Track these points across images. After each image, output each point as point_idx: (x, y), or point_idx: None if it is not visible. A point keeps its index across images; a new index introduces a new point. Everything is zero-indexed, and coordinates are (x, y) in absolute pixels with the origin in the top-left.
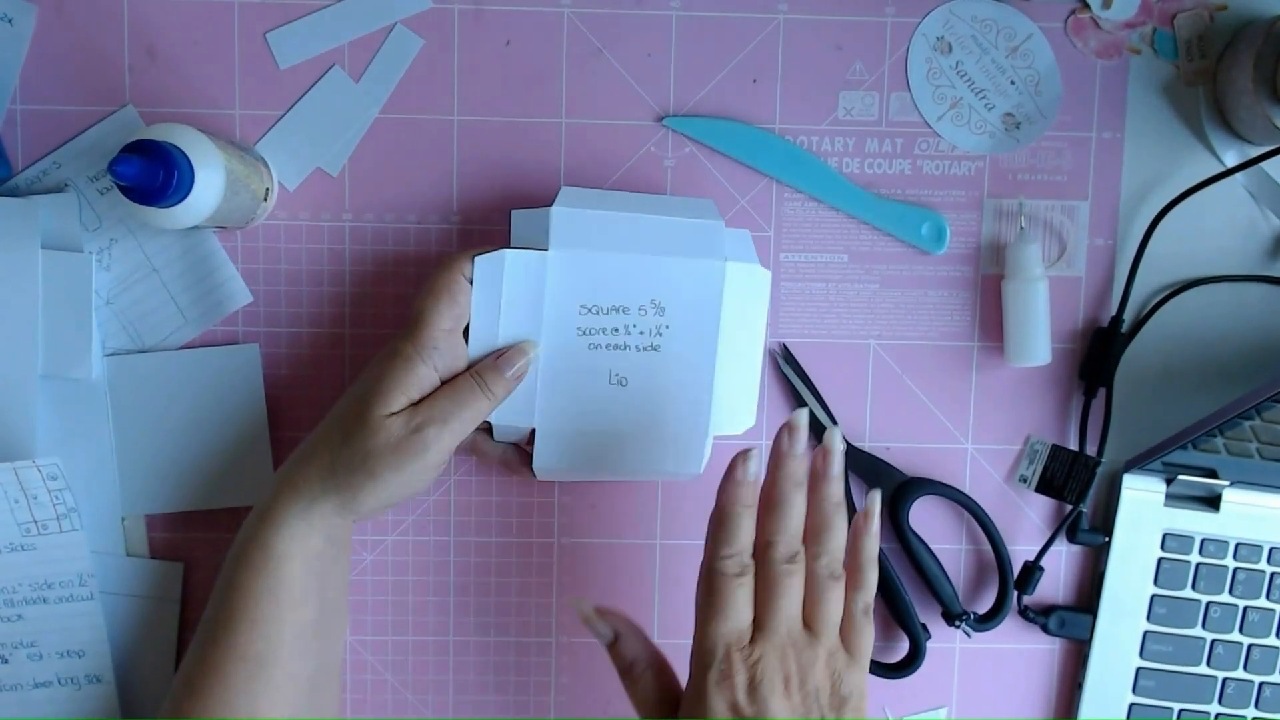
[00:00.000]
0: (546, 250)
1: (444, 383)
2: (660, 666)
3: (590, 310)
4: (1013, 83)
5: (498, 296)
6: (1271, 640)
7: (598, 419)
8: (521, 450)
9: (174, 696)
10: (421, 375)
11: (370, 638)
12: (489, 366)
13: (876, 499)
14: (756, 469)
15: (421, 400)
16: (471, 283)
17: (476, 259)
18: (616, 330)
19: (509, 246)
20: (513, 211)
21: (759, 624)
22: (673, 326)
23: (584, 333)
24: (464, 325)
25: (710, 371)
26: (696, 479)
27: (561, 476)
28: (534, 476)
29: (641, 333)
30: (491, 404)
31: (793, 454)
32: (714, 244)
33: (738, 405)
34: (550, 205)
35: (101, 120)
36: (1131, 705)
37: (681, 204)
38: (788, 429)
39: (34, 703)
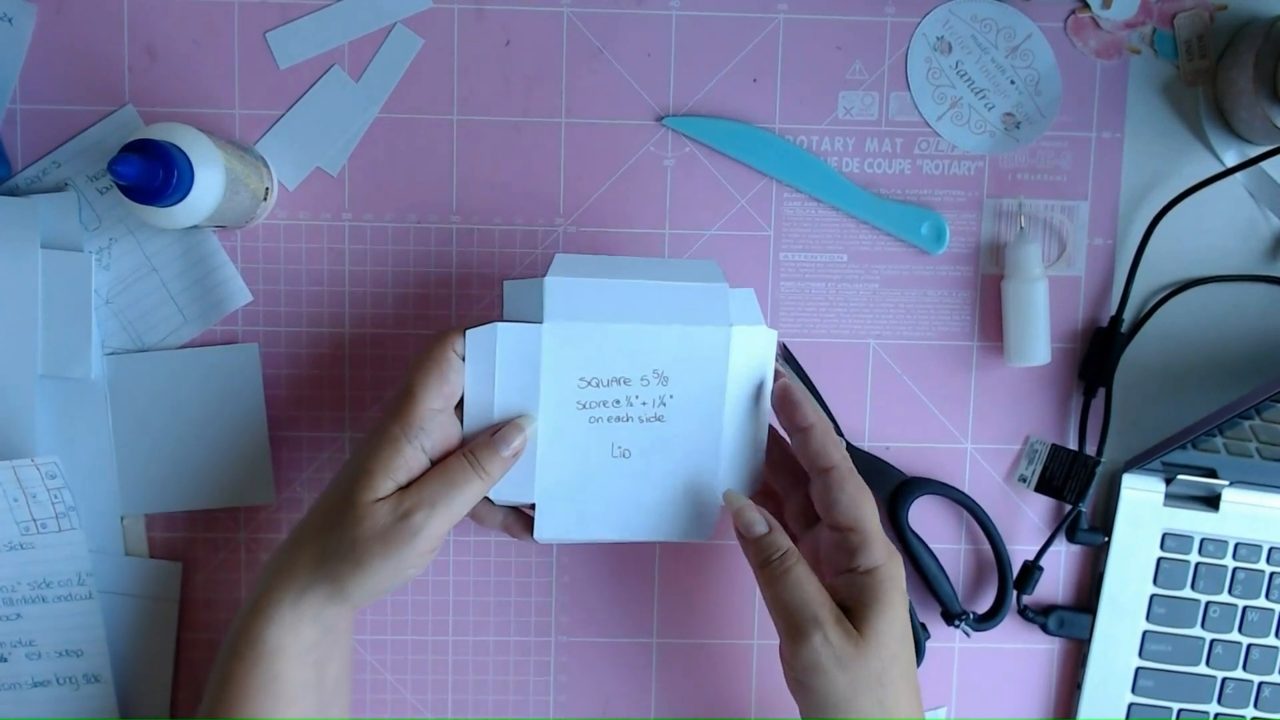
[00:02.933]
0: (541, 323)
1: (435, 463)
2: (805, 561)
3: (590, 383)
4: (1012, 82)
5: (491, 371)
6: (1271, 640)
7: (601, 490)
8: (522, 514)
9: None
10: (409, 457)
11: (370, 638)
12: (484, 445)
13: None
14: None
15: (411, 484)
16: (464, 358)
17: (468, 332)
18: (618, 402)
19: (502, 319)
20: (505, 282)
21: None
22: (677, 396)
23: (584, 406)
24: (455, 404)
25: (716, 439)
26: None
27: (565, 542)
28: (535, 542)
29: (644, 403)
30: (487, 484)
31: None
32: (718, 309)
33: (744, 468)
34: (547, 265)
35: (101, 120)
36: (1131, 705)
37: (683, 267)
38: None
39: (32, 702)
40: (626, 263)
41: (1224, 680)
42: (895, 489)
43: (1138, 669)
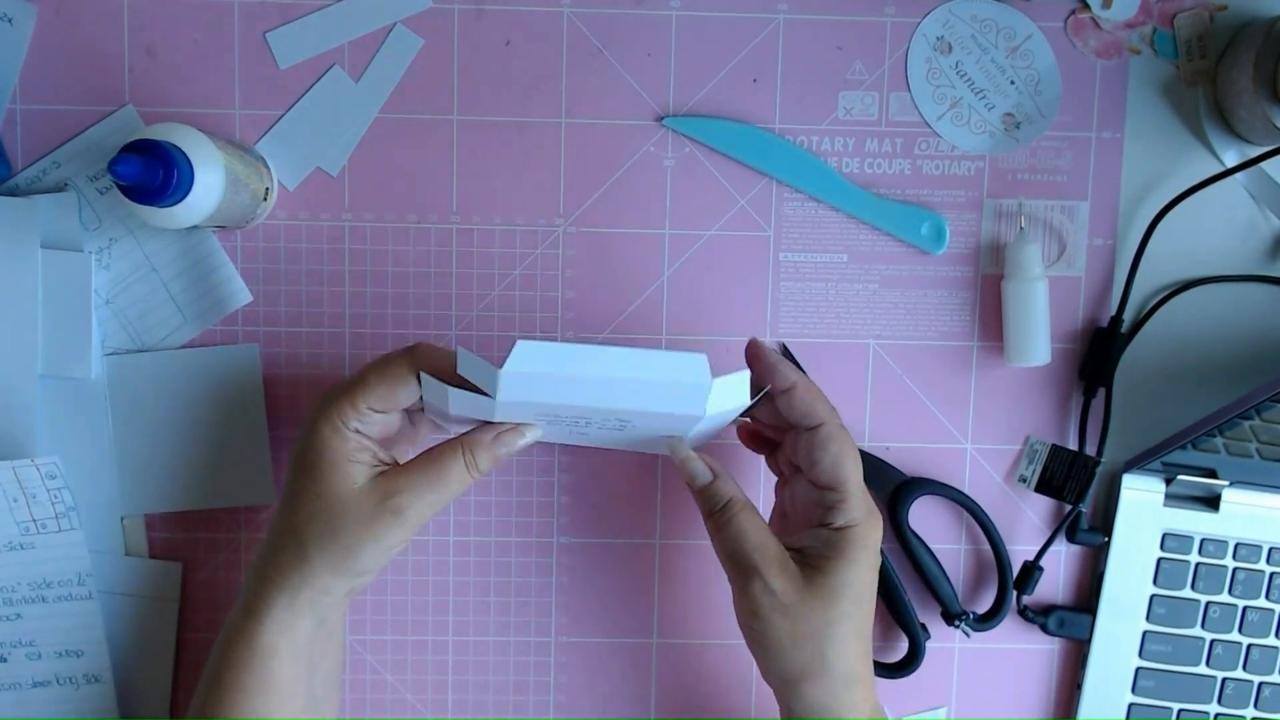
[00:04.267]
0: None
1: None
2: (753, 509)
3: (549, 417)
4: (1013, 83)
5: (445, 408)
6: (1271, 640)
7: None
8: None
9: None
10: (360, 441)
11: (370, 638)
12: (482, 444)
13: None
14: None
15: (395, 467)
16: (419, 380)
17: (423, 378)
18: (579, 420)
19: (456, 369)
20: (459, 349)
21: None
22: (637, 423)
23: (551, 421)
24: (396, 412)
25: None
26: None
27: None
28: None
29: (604, 426)
30: (474, 479)
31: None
32: (693, 399)
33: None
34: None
35: (101, 120)
36: (1131, 705)
37: (667, 360)
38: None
39: (32, 702)
40: (599, 354)
41: (1224, 680)
42: (895, 489)
43: (1138, 669)
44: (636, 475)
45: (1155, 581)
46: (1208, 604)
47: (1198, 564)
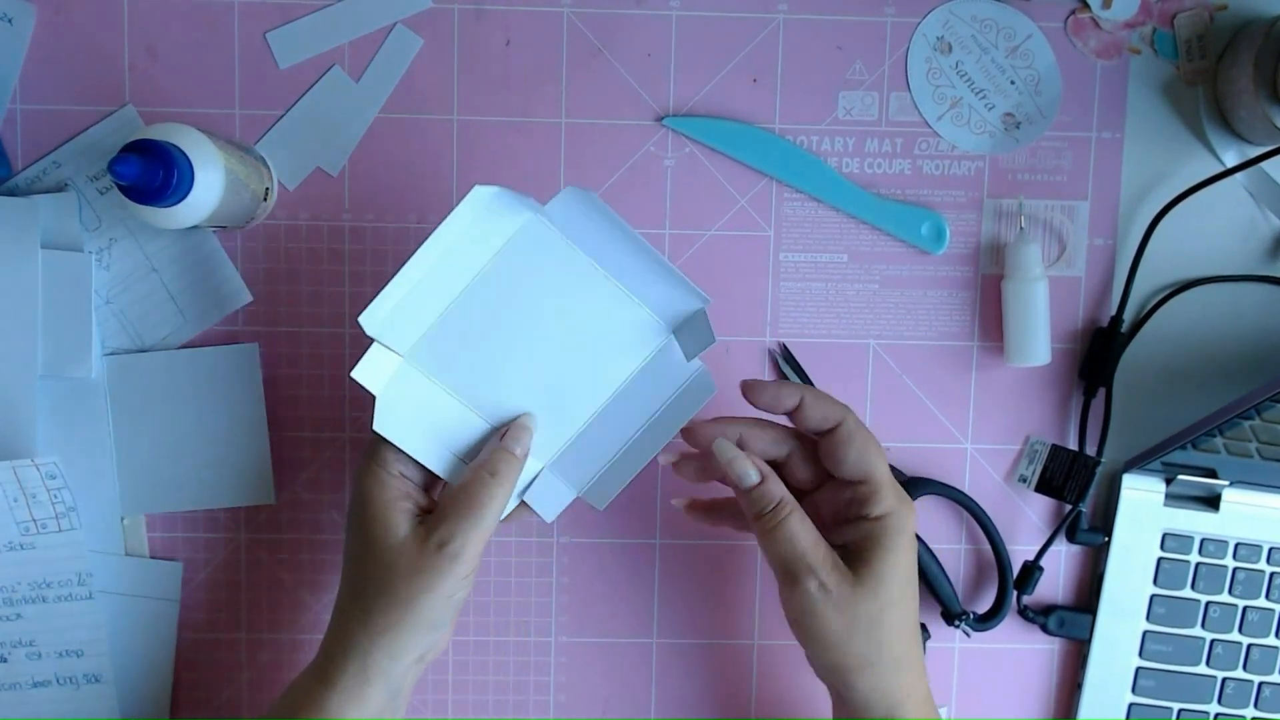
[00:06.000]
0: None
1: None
2: (800, 509)
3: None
4: (1013, 83)
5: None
6: (1271, 640)
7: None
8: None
9: None
10: (402, 485)
11: None
12: (495, 452)
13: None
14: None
15: (433, 511)
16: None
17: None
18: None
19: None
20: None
21: None
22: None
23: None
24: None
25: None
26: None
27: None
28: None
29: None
30: (508, 491)
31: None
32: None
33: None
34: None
35: (101, 120)
36: (1131, 705)
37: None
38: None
39: (32, 702)
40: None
41: (1224, 680)
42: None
43: (1138, 669)
44: (637, 475)
45: (1155, 581)
46: (1208, 604)
47: (1198, 564)
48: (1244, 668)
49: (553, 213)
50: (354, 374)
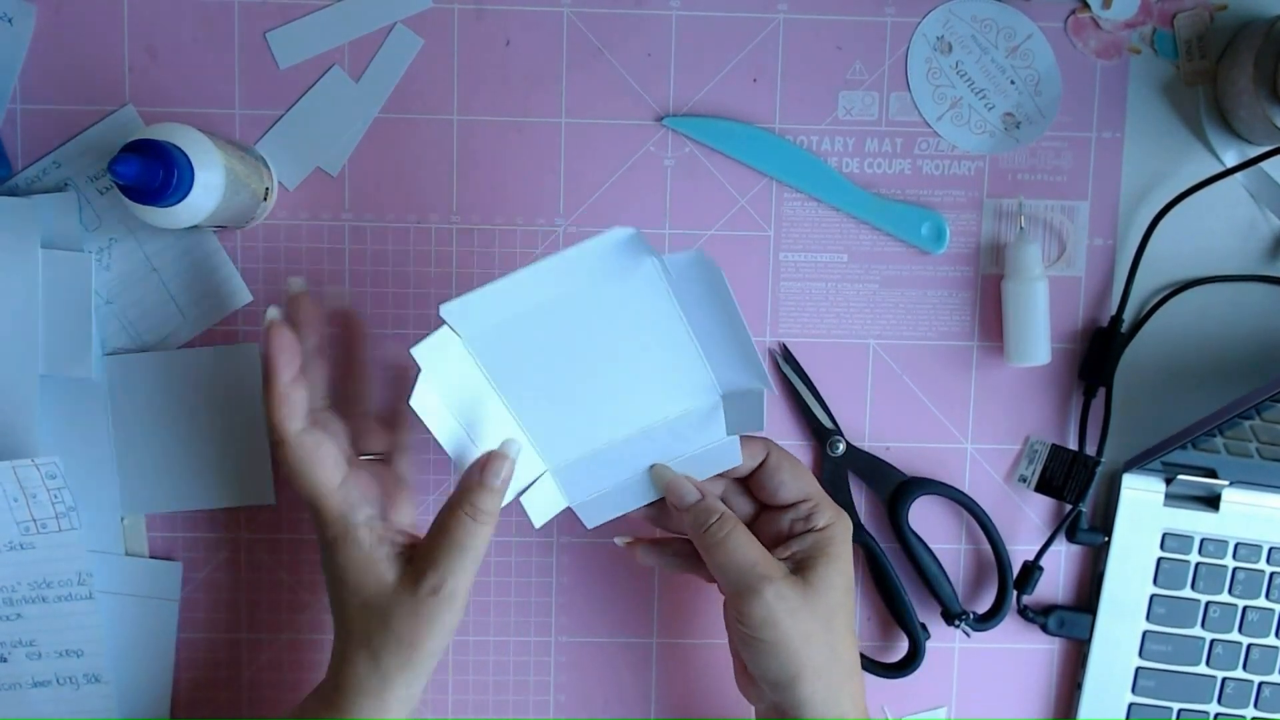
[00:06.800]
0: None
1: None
2: (741, 523)
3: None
4: (1013, 83)
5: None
6: (1271, 640)
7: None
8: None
9: None
10: (371, 532)
11: None
12: (475, 487)
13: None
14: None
15: (419, 553)
16: (291, 446)
17: (416, 351)
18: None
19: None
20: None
21: None
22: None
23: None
24: (332, 458)
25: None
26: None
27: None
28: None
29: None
30: (493, 523)
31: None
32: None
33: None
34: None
35: (101, 120)
36: (1131, 705)
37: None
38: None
39: (32, 702)
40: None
41: (1224, 680)
42: (895, 489)
43: (1138, 669)
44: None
45: (1155, 581)
46: (1208, 604)
47: (1198, 564)
48: (1244, 668)
49: (671, 265)
50: (413, 351)
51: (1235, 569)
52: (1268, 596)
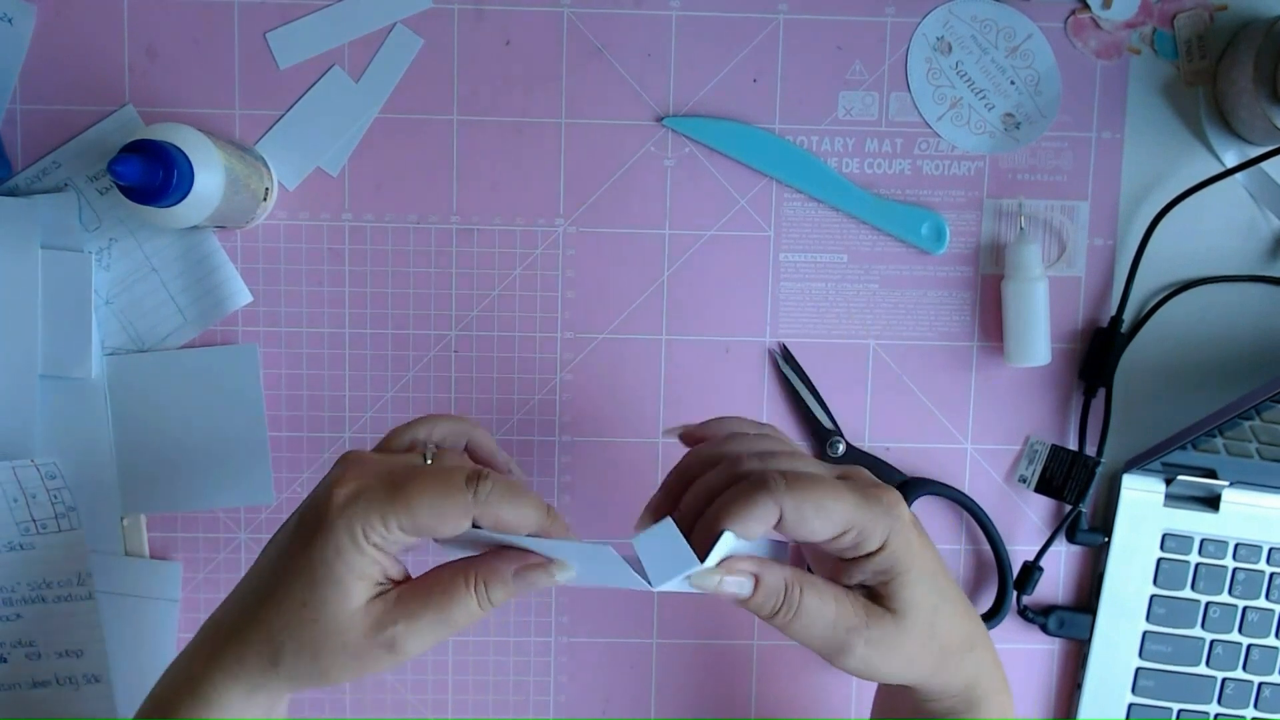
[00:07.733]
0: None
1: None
2: (808, 580)
3: None
4: (1013, 83)
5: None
6: (1271, 640)
7: None
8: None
9: None
10: (372, 559)
11: None
12: (500, 578)
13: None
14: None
15: (395, 601)
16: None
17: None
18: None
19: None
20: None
21: None
22: None
23: None
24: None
25: None
26: None
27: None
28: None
29: None
30: (485, 613)
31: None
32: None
33: None
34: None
35: (101, 120)
36: (1131, 705)
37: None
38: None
39: (32, 702)
40: None
41: (1224, 680)
42: (895, 489)
43: (1138, 669)
44: (638, 475)
45: (1155, 581)
46: (1208, 604)
47: (1198, 564)
48: (1244, 668)
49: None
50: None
51: (1235, 569)
52: (1268, 597)
